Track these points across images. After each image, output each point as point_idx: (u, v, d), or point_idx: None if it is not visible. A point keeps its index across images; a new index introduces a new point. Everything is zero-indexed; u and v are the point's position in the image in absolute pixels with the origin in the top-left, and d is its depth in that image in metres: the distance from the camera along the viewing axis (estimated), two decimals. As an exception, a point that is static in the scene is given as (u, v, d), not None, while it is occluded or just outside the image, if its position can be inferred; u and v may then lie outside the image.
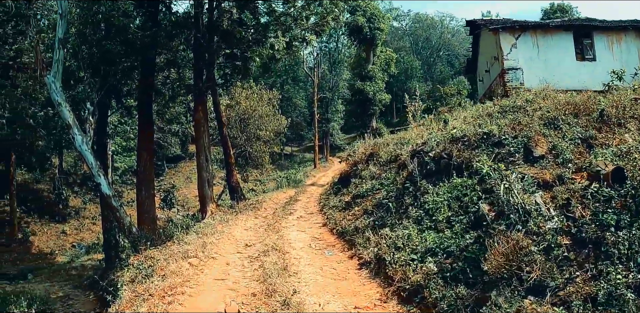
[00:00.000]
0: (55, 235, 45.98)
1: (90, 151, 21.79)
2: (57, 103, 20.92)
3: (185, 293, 10.75)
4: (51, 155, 47.98)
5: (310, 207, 24.56)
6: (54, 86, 20.68)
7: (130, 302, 10.77)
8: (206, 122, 24.78)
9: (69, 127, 21.17)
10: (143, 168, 25.09)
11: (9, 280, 33.40)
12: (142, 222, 24.68)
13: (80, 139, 21.28)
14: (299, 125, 77.38)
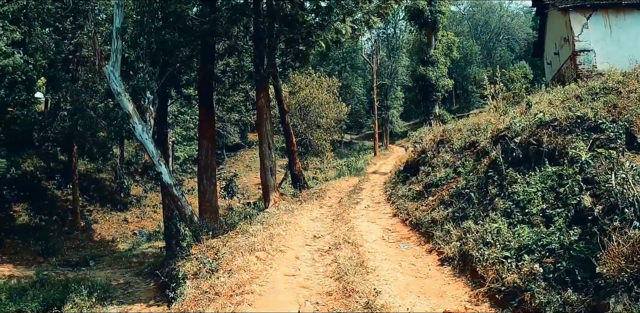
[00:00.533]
0: (117, 223, 46.05)
1: (151, 140, 21.25)
2: (116, 93, 20.51)
3: (254, 292, 9.82)
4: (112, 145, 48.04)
5: (377, 196, 23.49)
6: (113, 76, 20.31)
7: (195, 301, 9.96)
8: (268, 109, 23.90)
9: (129, 116, 20.74)
10: (204, 156, 24.42)
11: (71, 267, 33.64)
12: (204, 211, 24.06)
13: (141, 128, 20.83)
14: (358, 113, 76.23)
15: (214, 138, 25.30)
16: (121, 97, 20.56)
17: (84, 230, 42.89)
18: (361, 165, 46.03)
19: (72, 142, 42.59)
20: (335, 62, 77.04)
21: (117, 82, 20.35)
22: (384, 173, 37.52)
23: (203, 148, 24.51)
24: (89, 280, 24.19)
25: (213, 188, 24.59)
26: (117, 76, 20.34)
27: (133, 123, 20.80)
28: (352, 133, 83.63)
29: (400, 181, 23.63)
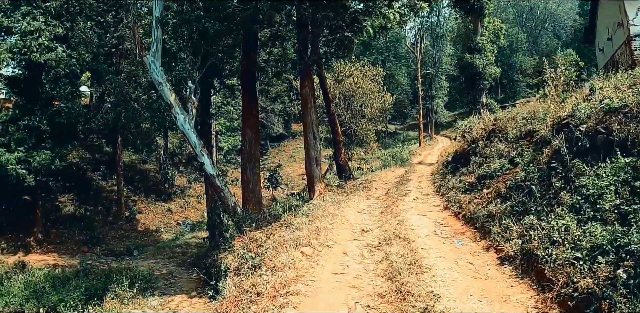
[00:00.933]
0: (161, 213, 46.12)
1: (193, 130, 20.83)
2: (157, 83, 20.12)
3: (299, 293, 9.03)
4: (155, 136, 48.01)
5: (425, 188, 22.56)
6: (154, 66, 19.93)
7: (235, 301, 9.27)
8: (313, 98, 23.14)
9: (171, 106, 20.36)
10: (248, 146, 23.81)
11: (115, 257, 34.38)
12: (247, 202, 23.51)
13: (183, 118, 20.42)
14: (402, 103, 74.93)
15: (257, 127, 24.69)
16: (162, 87, 20.21)
17: (128, 220, 43.23)
18: (406, 156, 45.03)
19: (117, 134, 42.84)
20: (379, 51, 76.01)
21: (158, 72, 19.99)
22: (430, 163, 36.54)
23: (246, 138, 23.91)
24: (132, 270, 24.30)
25: (256, 179, 24.01)
26: (157, 66, 19.97)
27: (175, 113, 20.44)
28: (396, 123, 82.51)
29: (449, 172, 22.66)
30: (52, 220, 40.28)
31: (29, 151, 32.83)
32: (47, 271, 26.41)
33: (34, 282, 23.98)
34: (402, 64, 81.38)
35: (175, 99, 20.49)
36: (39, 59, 31.28)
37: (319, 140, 23.19)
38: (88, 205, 43.56)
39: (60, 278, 24.12)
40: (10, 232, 36.89)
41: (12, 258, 32.51)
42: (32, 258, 33.15)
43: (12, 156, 31.94)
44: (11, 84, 36.72)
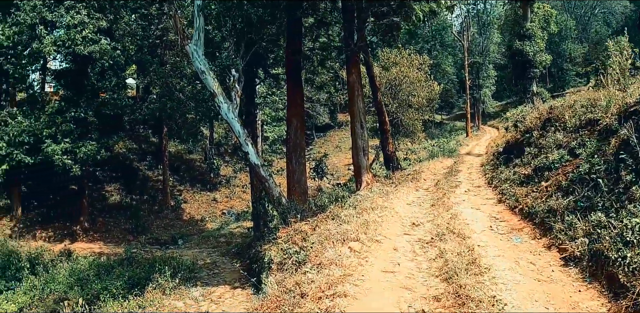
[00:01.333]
0: (206, 202, 46.01)
1: (237, 119, 20.38)
2: (200, 71, 19.71)
3: (347, 295, 8.24)
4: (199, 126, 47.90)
5: (475, 179, 21.67)
6: (197, 54, 19.55)
7: (277, 302, 8.57)
8: (360, 85, 22.33)
9: (214, 95, 19.93)
10: (293, 135, 23.20)
11: (160, 246, 34.40)
12: (292, 192, 22.93)
13: (226, 107, 19.96)
14: (448, 92, 73.34)
15: (302, 117, 24.06)
16: (205, 75, 19.81)
17: (173, 210, 43.37)
18: (453, 146, 43.98)
19: (162, 124, 42.83)
20: (425, 40, 74.54)
21: (201, 61, 19.63)
22: (478, 154, 35.64)
23: (292, 128, 23.29)
24: (175, 260, 24.26)
25: (302, 169, 23.40)
26: (200, 55, 19.61)
27: (218, 102, 20.01)
28: (443, 113, 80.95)
29: (501, 163, 21.73)
30: (99, 209, 40.63)
31: (75, 142, 32.87)
32: (92, 260, 26.62)
33: (78, 269, 24.26)
34: (449, 52, 79.42)
35: (218, 88, 20.07)
36: (83, 52, 31.20)
37: (366, 129, 22.42)
38: (134, 194, 43.73)
39: (104, 266, 24.39)
40: (57, 221, 37.21)
41: (58, 246, 32.71)
42: (78, 246, 33.42)
43: (58, 147, 32.00)
44: (58, 77, 37.06)
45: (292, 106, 23.62)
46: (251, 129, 30.61)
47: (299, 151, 23.19)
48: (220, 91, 20.09)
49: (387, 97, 39.40)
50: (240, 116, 31.74)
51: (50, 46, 30.68)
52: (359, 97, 21.82)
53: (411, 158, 41.94)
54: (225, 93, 20.68)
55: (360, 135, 21.67)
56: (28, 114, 34.11)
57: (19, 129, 32.61)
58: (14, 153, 32.53)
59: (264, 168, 21.11)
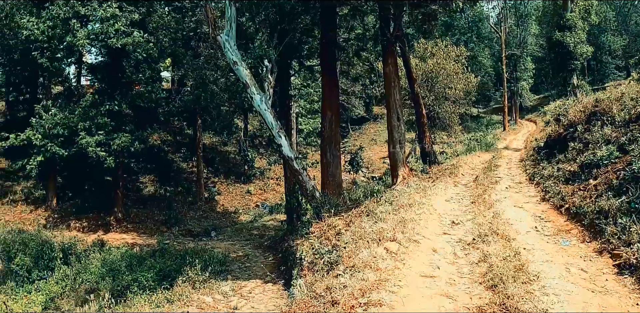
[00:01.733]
0: (240, 194, 45.39)
1: (270, 111, 19.86)
2: (232, 62, 19.28)
3: (383, 304, 7.47)
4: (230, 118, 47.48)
5: (516, 175, 20.72)
6: (228, 45, 19.12)
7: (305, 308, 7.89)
8: (396, 76, 21.43)
9: (247, 86, 19.46)
10: (328, 128, 22.46)
11: (193, 237, 34.03)
12: (326, 186, 22.27)
13: (259, 98, 19.50)
14: (485, 85, 71.31)
15: (337, 109, 23.29)
16: (237, 66, 19.35)
17: (207, 201, 42.82)
18: (491, 140, 42.68)
19: (196, 116, 42.30)
20: (461, 32, 72.73)
21: (233, 51, 19.20)
22: (517, 148, 34.56)
23: (326, 119, 22.56)
24: (207, 252, 24.06)
25: (336, 162, 22.68)
26: (232, 45, 19.17)
27: (251, 93, 19.58)
28: (479, 107, 79.09)
29: (542, 158, 20.78)
30: (133, 200, 40.38)
31: (109, 134, 32.78)
32: (124, 250, 26.15)
33: (110, 260, 23.77)
34: (486, 45, 77.23)
35: (251, 79, 19.60)
36: (116, 44, 30.96)
37: (403, 122, 21.53)
38: (168, 186, 43.42)
39: (136, 257, 23.86)
40: (91, 212, 37.05)
41: (92, 237, 32.37)
42: (112, 237, 33.11)
43: (92, 139, 31.90)
44: (93, 70, 37.17)
45: (327, 97, 22.88)
46: (285, 121, 29.97)
47: (333, 143, 22.47)
48: (252, 82, 19.63)
49: (423, 89, 38.48)
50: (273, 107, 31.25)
51: (83, 40, 30.55)
52: (395, 89, 20.98)
53: (448, 152, 40.70)
54: (258, 84, 20.17)
55: (397, 127, 20.86)
56: (63, 107, 34.18)
57: (53, 122, 32.70)
58: (48, 145, 32.67)
59: (297, 160, 20.52)
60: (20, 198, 37.96)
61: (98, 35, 31.06)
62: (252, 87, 19.43)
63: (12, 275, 23.91)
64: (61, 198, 38.25)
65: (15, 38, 35.95)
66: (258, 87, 19.84)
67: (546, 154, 20.70)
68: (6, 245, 26.30)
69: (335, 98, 22.87)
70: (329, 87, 22.78)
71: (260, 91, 19.85)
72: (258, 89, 19.66)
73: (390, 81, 20.99)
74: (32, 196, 38.44)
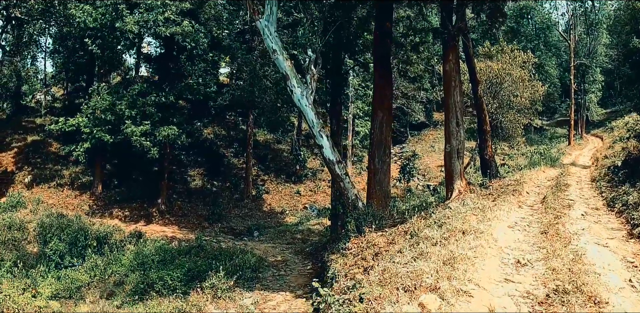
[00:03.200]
0: (288, 194, 42.68)
1: (311, 107, 17.21)
2: (271, 50, 17.00)
3: None
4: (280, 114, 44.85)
5: (590, 198, 17.20)
6: (267, 31, 16.85)
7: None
8: (458, 75, 17.89)
9: (287, 78, 17.08)
10: (378, 130, 19.29)
11: (234, 235, 32.61)
12: (372, 195, 19.22)
13: (299, 92, 16.98)
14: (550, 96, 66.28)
15: (390, 110, 20.05)
16: (277, 55, 16.99)
17: (254, 199, 40.84)
18: (555, 154, 38.78)
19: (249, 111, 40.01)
20: (528, 39, 67.59)
21: (272, 39, 16.88)
22: (584, 165, 30.97)
23: (377, 121, 19.37)
24: (244, 254, 22.43)
25: (385, 168, 19.51)
26: (272, 32, 16.89)
27: (291, 86, 17.08)
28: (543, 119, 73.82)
29: (621, 180, 17.39)
30: (179, 192, 38.92)
31: (155, 125, 31.72)
32: (160, 244, 24.86)
33: (144, 253, 22.73)
34: (553, 53, 71.72)
35: (292, 70, 17.09)
36: (165, 32, 29.80)
37: (463, 128, 18.14)
38: (216, 180, 41.43)
39: (170, 252, 22.75)
40: (135, 201, 35.90)
41: (132, 226, 31.35)
42: (152, 229, 31.98)
43: (137, 129, 30.97)
44: (149, 60, 38.00)
45: (379, 96, 19.62)
46: (336, 121, 27.15)
47: (383, 148, 19.32)
48: (293, 74, 17.10)
49: (486, 96, 34.95)
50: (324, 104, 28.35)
51: (131, 25, 29.28)
52: (456, 89, 17.58)
53: (509, 164, 36.80)
54: (301, 77, 17.49)
55: (456, 134, 17.54)
56: (113, 94, 32.88)
57: (102, 107, 31.72)
58: (95, 131, 31.73)
59: (340, 165, 17.72)
60: (67, 183, 37.03)
61: (147, 22, 29.71)
62: (292, 79, 16.96)
63: (44, 260, 23.18)
64: (107, 185, 37.35)
65: (70, 25, 35.14)
66: (299, 80, 17.22)
67: (626, 175, 17.31)
68: (44, 228, 25.69)
69: (387, 98, 19.61)
70: (381, 86, 19.55)
71: (302, 83, 17.24)
72: (299, 82, 17.11)
73: (450, 80, 17.64)
74: (79, 181, 37.40)
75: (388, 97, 19.61)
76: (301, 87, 17.02)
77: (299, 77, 17.37)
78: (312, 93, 17.56)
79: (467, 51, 24.18)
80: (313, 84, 17.76)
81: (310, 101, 17.26)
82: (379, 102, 19.47)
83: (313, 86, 17.73)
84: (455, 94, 17.61)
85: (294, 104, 18.33)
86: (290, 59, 17.60)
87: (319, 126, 17.16)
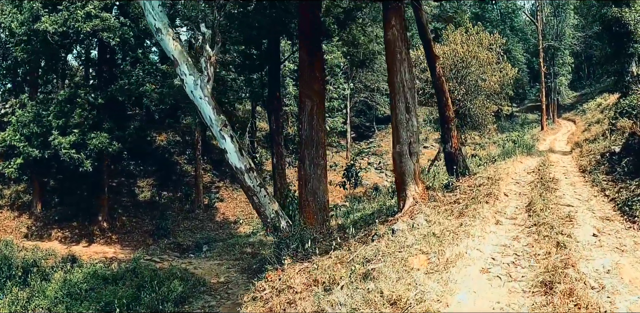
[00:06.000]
0: (244, 201, 36.90)
1: (208, 100, 12.48)
2: (154, 29, 12.87)
3: None
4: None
5: (590, 199, 12.06)
6: (149, 6, 12.73)
7: None
8: (404, 45, 12.46)
9: (176, 64, 12.47)
10: (307, 124, 14.04)
11: (180, 253, 27.88)
12: (304, 208, 14.31)
13: (192, 81, 12.28)
14: (519, 81, 61.57)
15: (322, 95, 14.75)
16: (162, 35, 12.60)
17: (206, 209, 35.71)
18: (530, 141, 33.93)
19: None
20: (493, 24, 62.87)
21: (156, 15, 12.96)
22: (564, 152, 26.71)
23: (305, 111, 14.09)
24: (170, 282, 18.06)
25: (320, 173, 14.38)
26: (155, 7, 12.85)
27: (181, 73, 12.39)
28: (513, 105, 69.11)
29: (627, 172, 12.49)
30: (125, 207, 33.88)
31: (85, 133, 27.31)
32: (92, 270, 20.69)
33: (72, 282, 18.92)
34: (520, 38, 67.61)
35: (182, 53, 12.45)
36: (85, 28, 25.80)
37: (416, 114, 12.89)
38: (167, 190, 36.08)
39: (103, 278, 19.27)
40: (76, 220, 31.08)
41: (71, 248, 27.39)
42: (92, 250, 27.78)
43: (65, 140, 26.83)
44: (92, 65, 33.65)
45: (307, 79, 14.24)
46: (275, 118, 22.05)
47: (315, 147, 14.17)
48: (184, 58, 12.38)
49: (452, 82, 29.94)
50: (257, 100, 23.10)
51: (47, 24, 25.51)
52: (402, 64, 12.31)
53: (480, 155, 31.30)
54: (194, 61, 12.55)
55: (405, 123, 12.37)
56: (41, 102, 29.16)
57: (26, 119, 27.90)
58: (20, 146, 27.76)
59: (251, 174, 12.77)
60: (7, 203, 32.15)
61: (66, 20, 25.82)
62: (182, 65, 12.31)
63: (-37, 295, 19.18)
64: (48, 203, 32.49)
65: (1, 30, 32.32)
66: (193, 66, 12.38)
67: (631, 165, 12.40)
68: (-36, 259, 21.57)
69: (318, 80, 14.22)
70: (309, 67, 14.28)
71: (196, 71, 12.43)
72: (192, 68, 12.33)
73: (395, 52, 12.40)
74: (20, 201, 32.55)
75: (319, 80, 14.31)
76: (194, 75, 12.25)
77: (191, 62, 12.56)
78: (209, 82, 12.51)
79: (418, 14, 17.56)
80: (210, 69, 12.60)
81: (207, 92, 12.34)
82: (306, 88, 14.24)
83: (210, 73, 12.58)
84: (403, 70, 12.43)
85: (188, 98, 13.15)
86: (179, 40, 12.66)
87: (219, 124, 12.34)
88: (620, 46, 30.23)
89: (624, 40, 29.84)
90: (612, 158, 14.96)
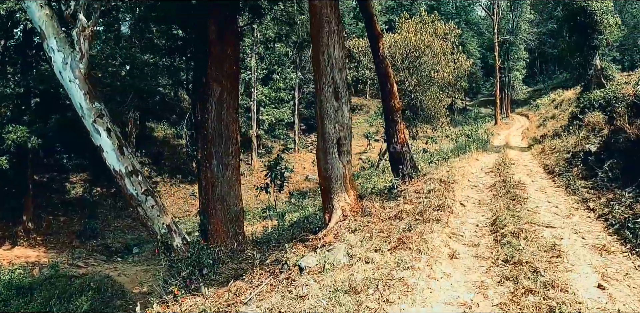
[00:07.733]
0: (182, 198, 33.61)
1: (81, 83, 9.14)
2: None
3: None
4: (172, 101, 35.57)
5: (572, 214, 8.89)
6: None
7: None
8: (335, 12, 9.15)
9: (43, 37, 9.13)
10: (215, 113, 10.77)
11: (107, 256, 24.81)
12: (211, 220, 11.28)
13: (61, 59, 9.00)
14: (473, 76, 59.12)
15: (236, 79, 11.35)
16: (27, 1, 9.21)
17: (140, 206, 31.01)
18: (484, 136, 31.17)
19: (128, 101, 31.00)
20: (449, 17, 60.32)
21: None
22: (521, 148, 23.98)
23: (211, 99, 10.77)
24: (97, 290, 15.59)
25: (230, 176, 11.08)
26: None
27: (49, 49, 9.10)
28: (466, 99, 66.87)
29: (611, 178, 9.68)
30: (54, 205, 30.04)
31: (3, 126, 23.95)
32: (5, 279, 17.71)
33: None
34: (475, 32, 65.39)
35: (51, 25, 9.05)
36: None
37: (347, 102, 9.47)
38: (100, 186, 32.16)
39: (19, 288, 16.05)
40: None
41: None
42: (14, 254, 24.43)
43: None
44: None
45: (215, 58, 10.85)
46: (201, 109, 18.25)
47: (224, 143, 10.86)
48: (54, 30, 9.08)
49: (403, 73, 26.88)
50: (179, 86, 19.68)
51: None
52: (332, 36, 8.90)
53: (432, 150, 28.01)
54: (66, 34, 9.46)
55: (333, 113, 9.03)
56: None
57: None
58: None
59: (133, 178, 9.47)
60: None
61: None
62: (51, 38, 9.02)
63: None
64: None
65: None
66: (64, 40, 9.14)
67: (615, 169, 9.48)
68: None
69: (229, 61, 10.84)
70: (218, 41, 10.83)
71: (67, 46, 9.17)
72: (62, 44, 9.07)
73: (322, 21, 9.00)
74: None
75: (230, 58, 10.87)
76: (64, 52, 8.94)
77: (63, 36, 9.16)
78: (82, 60, 9.02)
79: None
80: (84, 45, 9.13)
81: (79, 73, 9.01)
82: (215, 67, 10.79)
83: (84, 49, 9.12)
84: (332, 45, 9.10)
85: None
86: (51, 7, 9.20)
87: (92, 114, 9.10)
88: (584, 38, 27.42)
89: (588, 31, 27.07)
90: (587, 159, 11.99)
